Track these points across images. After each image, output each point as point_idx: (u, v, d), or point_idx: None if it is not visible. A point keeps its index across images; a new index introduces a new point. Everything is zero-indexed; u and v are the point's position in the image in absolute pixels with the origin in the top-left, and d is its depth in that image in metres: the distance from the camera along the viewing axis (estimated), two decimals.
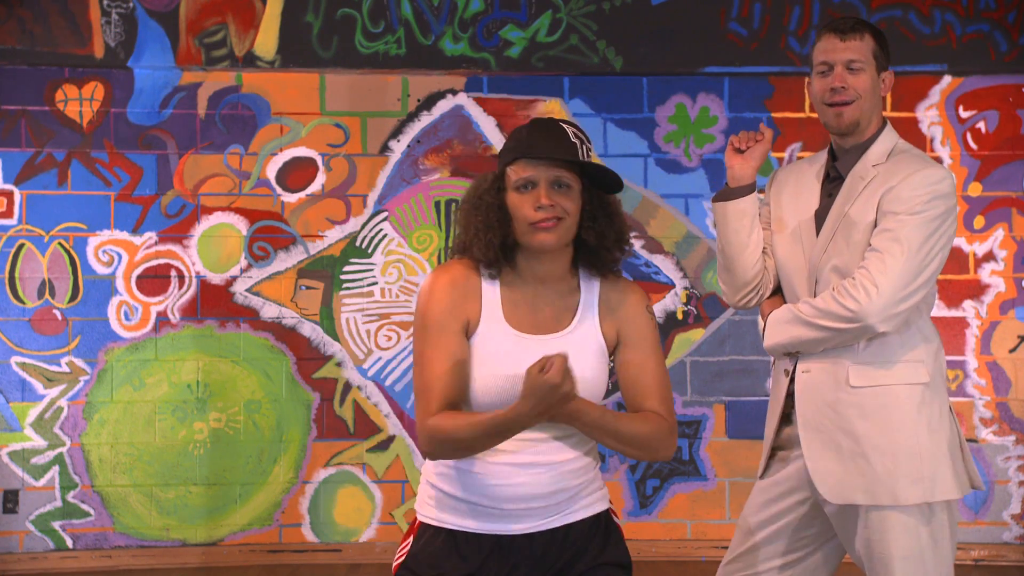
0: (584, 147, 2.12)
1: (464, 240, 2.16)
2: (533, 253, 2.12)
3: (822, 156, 2.71)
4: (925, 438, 2.47)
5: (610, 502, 2.26)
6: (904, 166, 2.52)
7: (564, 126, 2.13)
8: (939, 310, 4.80)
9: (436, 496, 2.17)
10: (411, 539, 2.19)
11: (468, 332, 2.12)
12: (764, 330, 2.64)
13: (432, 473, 2.18)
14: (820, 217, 2.61)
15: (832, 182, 2.64)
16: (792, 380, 2.59)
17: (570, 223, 2.10)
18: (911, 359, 2.51)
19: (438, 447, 2.05)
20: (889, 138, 2.61)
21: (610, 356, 2.19)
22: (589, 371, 2.11)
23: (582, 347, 2.12)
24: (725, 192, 2.70)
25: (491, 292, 2.14)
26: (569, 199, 2.09)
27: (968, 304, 4.82)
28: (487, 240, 2.11)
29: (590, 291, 2.18)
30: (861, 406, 2.49)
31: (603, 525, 2.19)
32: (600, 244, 2.15)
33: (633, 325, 2.17)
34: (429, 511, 2.18)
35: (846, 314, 2.43)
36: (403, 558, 2.18)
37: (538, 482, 2.09)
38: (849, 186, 2.57)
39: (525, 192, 2.09)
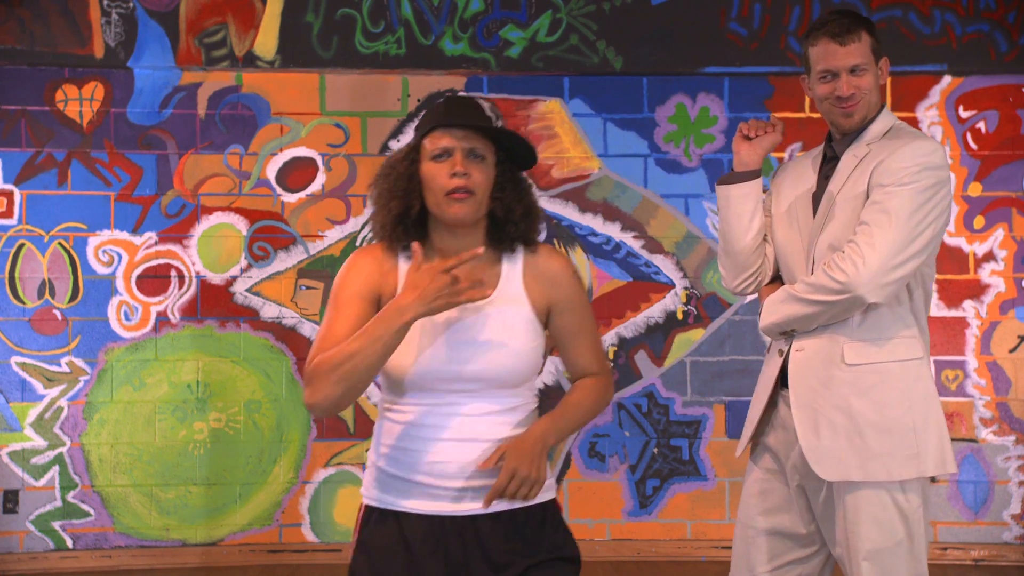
0: (499, 123, 2.17)
1: (375, 217, 2.17)
2: (448, 229, 2.13)
3: (821, 146, 2.72)
4: (920, 414, 2.49)
5: (556, 493, 2.24)
6: (895, 141, 2.52)
7: (480, 101, 2.19)
8: (939, 310, 4.81)
9: (378, 477, 2.16)
10: (359, 525, 2.18)
11: (382, 306, 2.11)
12: (761, 313, 2.64)
13: (376, 454, 2.18)
14: (816, 198, 2.61)
15: (828, 163, 2.64)
16: (786, 360, 2.59)
17: (481, 198, 2.11)
18: (906, 335, 2.51)
19: (322, 379, 1.97)
20: (885, 120, 2.60)
21: (544, 326, 2.19)
22: (521, 339, 2.11)
23: (508, 314, 2.12)
24: (730, 176, 2.71)
25: (408, 268, 2.12)
26: (482, 171, 2.10)
27: (968, 304, 4.82)
28: (388, 208, 2.12)
29: (512, 261, 2.19)
30: (856, 384, 2.49)
31: (550, 515, 2.17)
32: (507, 216, 2.16)
33: (562, 290, 2.19)
34: (372, 492, 2.17)
35: (835, 286, 2.43)
36: (354, 547, 2.17)
37: (478, 459, 2.08)
38: (843, 165, 2.57)
39: (441, 161, 2.10)
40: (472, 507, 2.09)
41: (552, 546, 2.14)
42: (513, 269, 2.18)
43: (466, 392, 2.09)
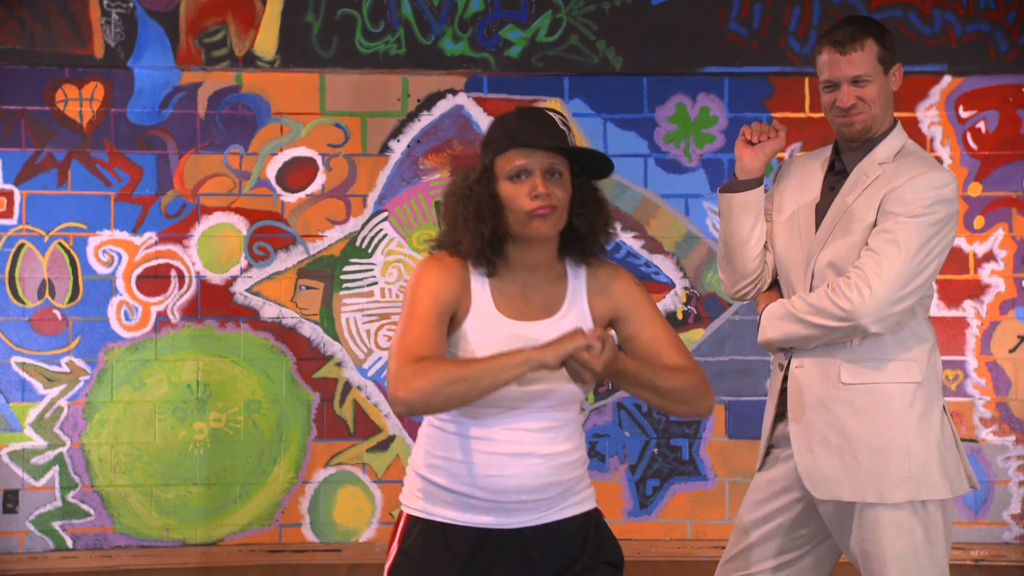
0: (570, 134, 2.12)
1: (452, 234, 2.14)
2: (524, 243, 2.11)
3: (827, 150, 2.70)
4: (914, 437, 2.47)
5: (596, 502, 2.23)
6: (909, 168, 2.49)
7: (551, 114, 2.13)
8: (939, 310, 4.80)
9: (424, 488, 2.13)
10: (400, 535, 2.16)
11: (455, 321, 2.10)
12: (759, 324, 2.62)
13: (421, 464, 2.15)
14: (821, 210, 2.59)
15: (836, 175, 2.62)
16: (786, 375, 2.59)
17: (562, 212, 2.08)
18: (904, 358, 2.50)
19: (423, 377, 1.91)
20: (898, 138, 2.58)
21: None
22: None
23: None
24: (732, 184, 2.69)
25: (480, 283, 2.12)
26: (561, 187, 2.08)
27: (968, 304, 4.82)
28: (478, 232, 2.08)
29: (577, 277, 2.17)
30: (852, 403, 2.49)
31: (595, 524, 2.17)
32: (590, 230, 2.14)
33: (627, 299, 2.17)
34: (417, 503, 2.14)
35: (839, 313, 2.42)
36: (394, 556, 2.15)
37: (533, 473, 2.06)
38: (853, 181, 2.55)
39: (519, 181, 2.07)
40: (521, 520, 2.08)
41: (597, 550, 2.14)
42: (578, 285, 2.16)
43: (525, 408, 2.07)
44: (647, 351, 2.14)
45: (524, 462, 2.06)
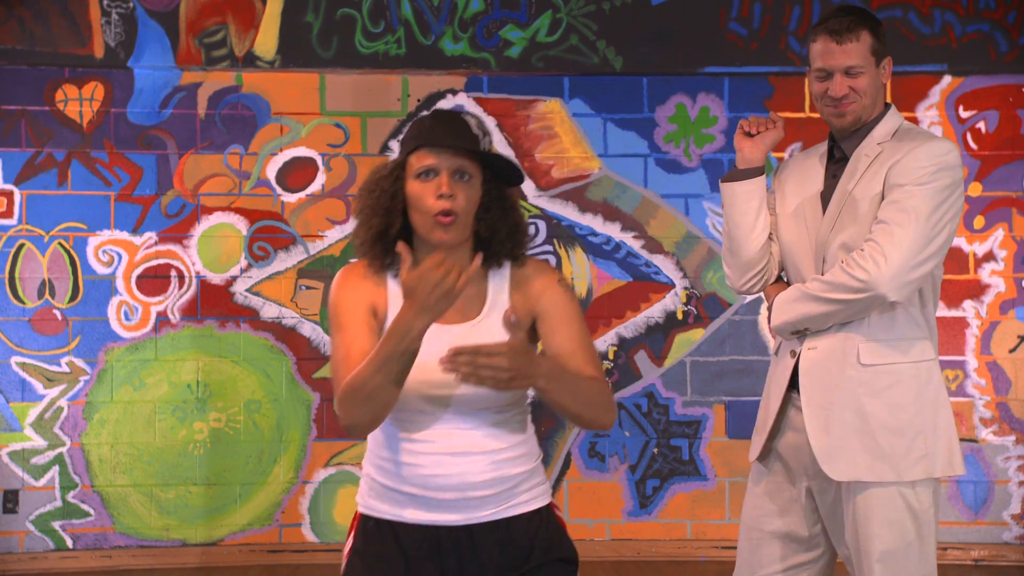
0: (486, 139, 2.13)
1: (357, 231, 2.16)
2: (431, 247, 2.11)
3: (823, 144, 2.71)
4: (930, 416, 2.49)
5: (552, 498, 2.23)
6: (909, 142, 2.51)
7: (467, 118, 2.14)
8: (939, 310, 4.78)
9: (375, 488, 2.15)
10: (353, 533, 2.18)
11: (377, 323, 2.12)
12: (770, 313, 2.61)
13: (370, 465, 2.18)
14: (825, 197, 2.60)
15: (836, 163, 2.63)
16: (797, 361, 2.57)
17: (465, 219, 2.09)
18: (918, 336, 2.51)
19: (348, 404, 1.98)
20: (893, 119, 2.59)
21: (532, 339, 2.17)
22: None
23: (497, 333, 2.09)
24: (734, 173, 2.70)
25: (396, 286, 2.12)
26: (468, 190, 2.08)
27: (968, 304, 4.82)
28: (370, 225, 2.10)
29: (500, 276, 2.17)
30: (871, 384, 2.48)
31: (546, 521, 2.16)
32: (492, 236, 2.14)
33: (546, 298, 2.15)
34: (368, 502, 2.17)
35: (856, 284, 2.41)
36: (347, 555, 2.17)
37: (474, 470, 2.07)
38: (854, 164, 2.56)
39: (427, 180, 2.07)
40: (468, 517, 2.09)
41: (549, 548, 2.13)
42: (500, 286, 2.16)
43: (456, 408, 2.08)
44: (557, 355, 2.11)
45: (465, 460, 2.08)
